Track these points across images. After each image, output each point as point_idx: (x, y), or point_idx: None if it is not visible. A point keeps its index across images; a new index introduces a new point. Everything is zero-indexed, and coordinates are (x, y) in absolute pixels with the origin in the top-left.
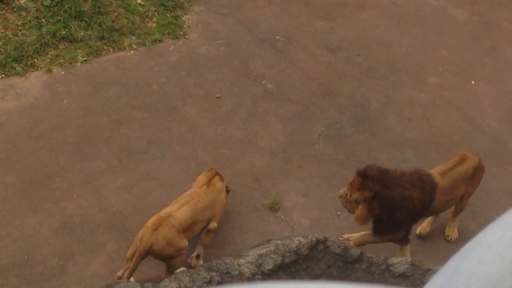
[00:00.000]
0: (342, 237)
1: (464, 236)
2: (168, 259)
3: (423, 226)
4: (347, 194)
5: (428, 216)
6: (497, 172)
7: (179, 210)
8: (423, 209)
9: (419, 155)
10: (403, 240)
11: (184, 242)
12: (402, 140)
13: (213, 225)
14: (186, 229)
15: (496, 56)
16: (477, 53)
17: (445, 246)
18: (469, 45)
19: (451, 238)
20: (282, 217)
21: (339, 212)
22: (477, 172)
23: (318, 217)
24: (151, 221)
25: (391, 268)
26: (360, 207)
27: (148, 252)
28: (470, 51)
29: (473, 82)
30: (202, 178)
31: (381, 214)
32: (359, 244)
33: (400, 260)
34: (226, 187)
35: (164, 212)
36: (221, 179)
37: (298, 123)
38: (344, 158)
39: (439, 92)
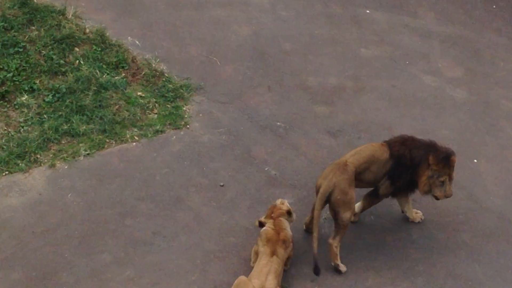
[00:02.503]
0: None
1: None
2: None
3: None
4: (434, 178)
5: None
6: (504, 250)
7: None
8: None
9: (425, 236)
10: None
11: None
12: (409, 221)
13: None
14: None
15: (497, 134)
16: (478, 132)
17: None
18: (469, 124)
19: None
20: None
21: None
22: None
23: None
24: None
25: None
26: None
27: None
28: (470, 130)
29: (475, 160)
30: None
31: None
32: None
33: None
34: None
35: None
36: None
37: (302, 208)
38: (349, 242)
39: None
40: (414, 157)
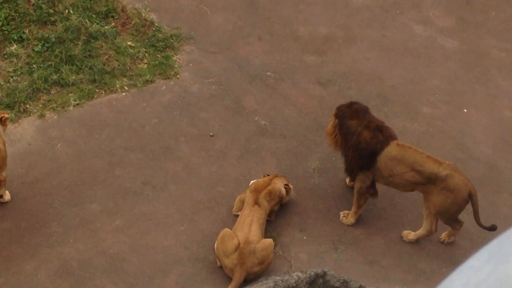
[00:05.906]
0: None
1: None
2: None
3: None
4: None
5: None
6: (493, 200)
7: None
8: (368, 154)
9: None
10: (371, 193)
11: None
12: None
13: None
14: None
15: (487, 84)
16: (468, 81)
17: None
18: (459, 73)
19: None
20: (279, 252)
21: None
22: (443, 188)
23: (316, 251)
24: None
25: None
26: (330, 124)
27: None
28: (461, 80)
29: (465, 110)
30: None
31: (341, 145)
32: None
33: None
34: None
35: None
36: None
37: (292, 158)
38: (339, 192)
39: (431, 121)
40: None
